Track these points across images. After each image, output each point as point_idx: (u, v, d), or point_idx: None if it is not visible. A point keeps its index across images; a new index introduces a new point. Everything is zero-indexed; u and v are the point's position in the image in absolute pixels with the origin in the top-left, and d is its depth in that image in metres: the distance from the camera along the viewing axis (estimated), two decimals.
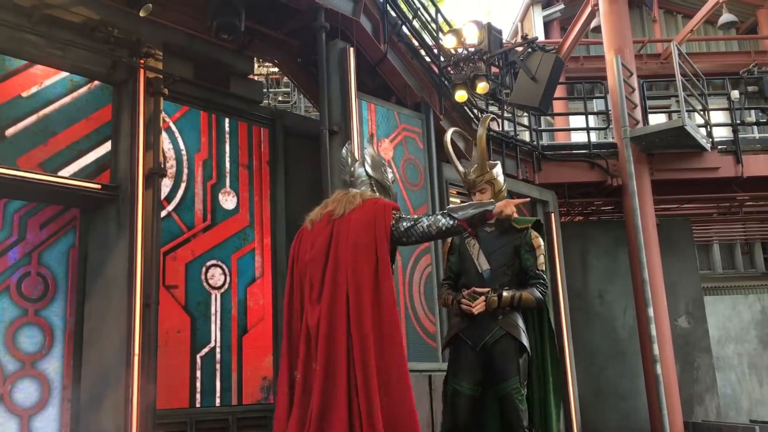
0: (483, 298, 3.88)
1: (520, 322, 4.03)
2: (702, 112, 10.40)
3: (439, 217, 3.43)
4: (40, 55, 5.55)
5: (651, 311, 8.91)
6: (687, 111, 9.35)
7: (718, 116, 12.40)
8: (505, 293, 3.91)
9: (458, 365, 3.99)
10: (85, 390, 5.54)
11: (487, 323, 3.94)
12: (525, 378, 3.95)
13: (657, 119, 11.51)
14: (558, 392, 4.21)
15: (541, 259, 4.12)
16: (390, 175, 3.96)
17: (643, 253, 9.04)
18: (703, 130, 10.02)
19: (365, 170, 3.84)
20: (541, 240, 4.16)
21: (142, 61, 5.88)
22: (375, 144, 6.73)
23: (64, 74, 5.76)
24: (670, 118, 11.90)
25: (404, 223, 3.45)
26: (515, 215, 3.79)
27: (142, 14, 5.77)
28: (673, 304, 10.13)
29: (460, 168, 4.40)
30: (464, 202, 7.67)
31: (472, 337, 3.97)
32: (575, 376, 8.83)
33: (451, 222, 3.40)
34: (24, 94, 5.55)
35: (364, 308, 3.28)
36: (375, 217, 3.44)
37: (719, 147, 10.12)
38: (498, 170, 4.37)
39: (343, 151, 4.10)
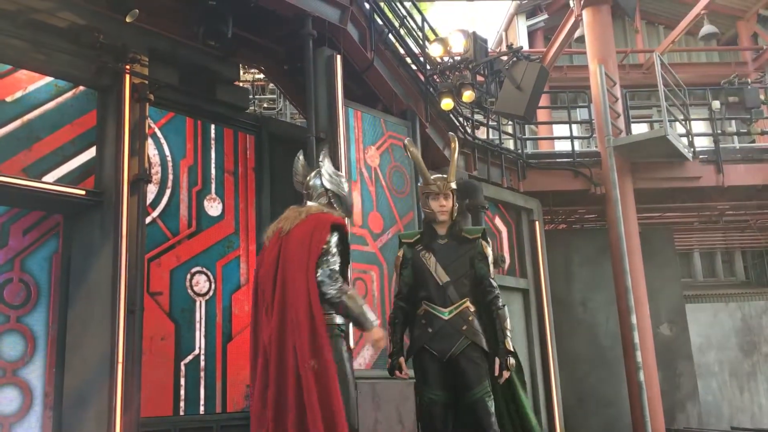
0: (506, 372, 4.03)
1: (480, 327, 4.16)
2: (684, 122, 10.53)
3: (341, 296, 3.58)
4: (25, 59, 5.51)
5: (634, 319, 8.98)
6: (669, 121, 9.47)
7: (699, 126, 12.55)
8: (506, 346, 4.07)
9: (428, 376, 4.08)
10: (68, 398, 5.48)
11: (452, 334, 4.05)
12: (490, 381, 4.09)
13: (639, 129, 11.64)
14: (524, 389, 4.32)
15: (491, 267, 4.29)
16: (346, 186, 4.13)
17: (626, 261, 9.11)
18: (684, 140, 10.13)
19: (321, 182, 3.96)
20: (489, 249, 4.32)
21: (127, 67, 5.84)
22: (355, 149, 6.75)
23: (49, 79, 5.72)
24: (652, 127, 12.02)
25: (324, 268, 3.61)
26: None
27: (128, 20, 5.75)
28: (656, 312, 10.21)
29: (428, 174, 4.47)
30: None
31: (438, 349, 4.05)
32: (559, 382, 8.87)
33: (337, 304, 3.56)
34: (8, 99, 5.50)
35: (302, 324, 3.47)
36: (312, 233, 3.67)
37: (701, 157, 10.25)
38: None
39: (296, 161, 4.20)
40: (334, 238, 3.74)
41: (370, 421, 5.83)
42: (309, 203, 4.04)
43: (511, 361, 4.03)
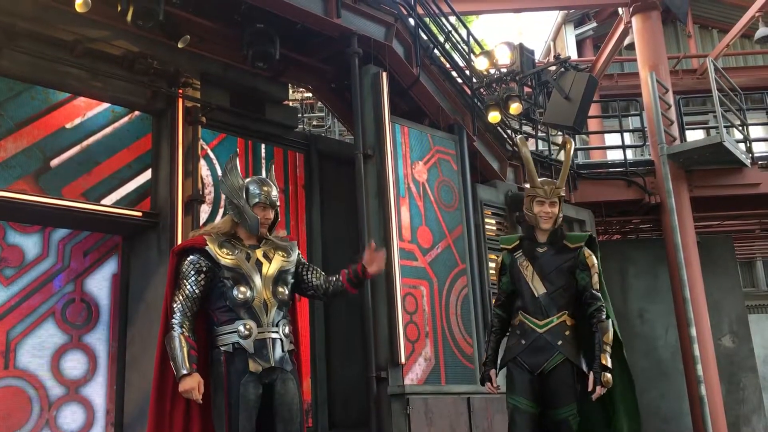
0: (600, 389, 3.77)
1: (577, 344, 3.87)
2: (741, 127, 10.24)
3: (177, 333, 3.27)
4: (83, 87, 5.74)
5: (693, 331, 8.73)
6: (725, 126, 9.22)
7: (757, 131, 12.20)
8: (602, 360, 3.77)
9: (516, 384, 3.87)
10: (128, 414, 5.63)
11: (546, 348, 3.82)
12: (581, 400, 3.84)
13: (695, 135, 11.37)
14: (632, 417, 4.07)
15: (596, 278, 3.93)
16: (248, 193, 3.55)
17: (684, 272, 8.88)
18: (742, 146, 9.85)
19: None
20: (594, 258, 3.98)
21: (180, 91, 6.03)
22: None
23: (105, 105, 5.94)
24: (708, 133, 11.74)
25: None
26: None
27: (180, 46, 5.93)
28: (717, 323, 9.91)
29: (536, 177, 4.09)
30: (499, 222, 7.67)
31: (530, 362, 3.84)
32: None
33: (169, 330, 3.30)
34: (68, 126, 5.73)
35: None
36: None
37: (759, 162, 9.93)
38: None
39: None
40: (180, 266, 3.41)
41: None
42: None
43: (607, 377, 3.75)
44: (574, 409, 3.78)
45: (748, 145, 10.03)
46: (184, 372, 3.19)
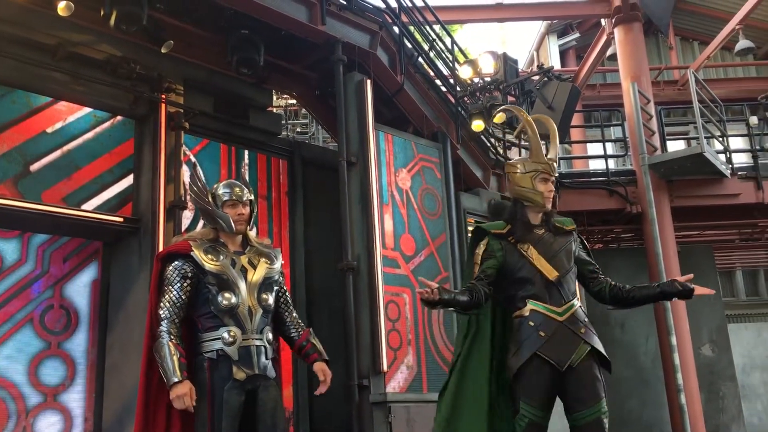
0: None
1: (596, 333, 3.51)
2: (721, 139, 10.36)
3: (166, 341, 3.21)
4: (64, 91, 5.69)
5: (674, 339, 8.80)
6: (705, 137, 9.32)
7: (737, 142, 12.32)
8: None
9: (534, 391, 3.34)
10: (107, 422, 5.56)
11: (570, 338, 3.39)
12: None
13: (675, 146, 11.49)
14: None
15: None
16: (215, 196, 3.55)
17: (664, 281, 8.94)
18: (722, 157, 9.96)
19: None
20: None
21: (163, 96, 5.99)
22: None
23: (87, 110, 5.89)
24: (688, 144, 11.87)
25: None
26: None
27: (163, 51, 5.90)
28: (697, 332, 9.99)
29: (541, 150, 3.71)
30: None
31: (555, 355, 3.34)
32: None
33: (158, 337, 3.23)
34: (48, 130, 5.67)
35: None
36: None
37: (739, 173, 10.04)
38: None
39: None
40: (165, 272, 3.38)
41: None
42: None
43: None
44: (604, 405, 3.34)
45: (728, 156, 10.15)
46: (176, 380, 3.15)
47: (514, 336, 3.47)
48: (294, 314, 3.70)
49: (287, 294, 3.70)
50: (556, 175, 3.72)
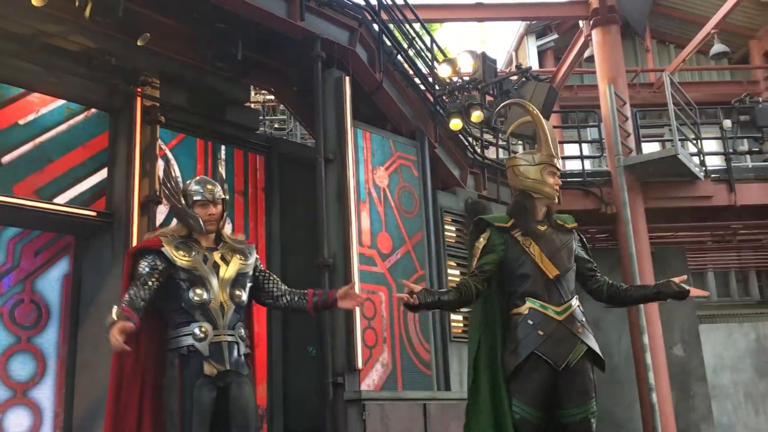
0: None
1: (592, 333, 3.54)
2: (695, 141, 10.49)
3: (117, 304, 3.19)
4: (37, 82, 5.60)
5: (646, 339, 8.90)
6: (680, 140, 9.44)
7: (710, 145, 12.49)
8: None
9: (530, 390, 3.33)
10: (77, 419, 5.50)
11: (568, 338, 3.38)
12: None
13: (650, 148, 11.59)
14: None
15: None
16: (186, 194, 3.57)
17: (638, 281, 9.04)
18: (696, 159, 10.09)
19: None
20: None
21: (139, 89, 5.93)
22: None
23: (61, 102, 5.80)
24: (663, 146, 11.96)
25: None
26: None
27: (139, 43, 5.83)
28: (669, 332, 10.10)
29: (551, 143, 3.68)
30: (458, 229, 7.70)
31: (554, 356, 3.33)
32: None
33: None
34: (21, 122, 5.57)
35: None
36: None
37: (712, 176, 10.18)
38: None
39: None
40: (137, 266, 3.37)
41: None
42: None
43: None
44: (594, 406, 3.37)
45: (702, 158, 10.27)
46: (109, 321, 3.06)
47: (512, 333, 3.44)
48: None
49: (272, 275, 3.67)
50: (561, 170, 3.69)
